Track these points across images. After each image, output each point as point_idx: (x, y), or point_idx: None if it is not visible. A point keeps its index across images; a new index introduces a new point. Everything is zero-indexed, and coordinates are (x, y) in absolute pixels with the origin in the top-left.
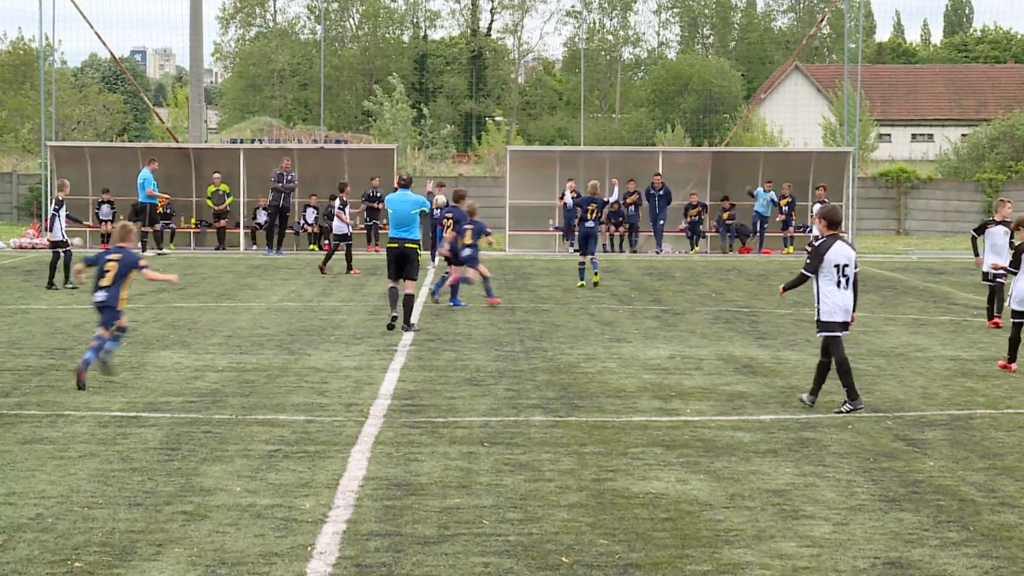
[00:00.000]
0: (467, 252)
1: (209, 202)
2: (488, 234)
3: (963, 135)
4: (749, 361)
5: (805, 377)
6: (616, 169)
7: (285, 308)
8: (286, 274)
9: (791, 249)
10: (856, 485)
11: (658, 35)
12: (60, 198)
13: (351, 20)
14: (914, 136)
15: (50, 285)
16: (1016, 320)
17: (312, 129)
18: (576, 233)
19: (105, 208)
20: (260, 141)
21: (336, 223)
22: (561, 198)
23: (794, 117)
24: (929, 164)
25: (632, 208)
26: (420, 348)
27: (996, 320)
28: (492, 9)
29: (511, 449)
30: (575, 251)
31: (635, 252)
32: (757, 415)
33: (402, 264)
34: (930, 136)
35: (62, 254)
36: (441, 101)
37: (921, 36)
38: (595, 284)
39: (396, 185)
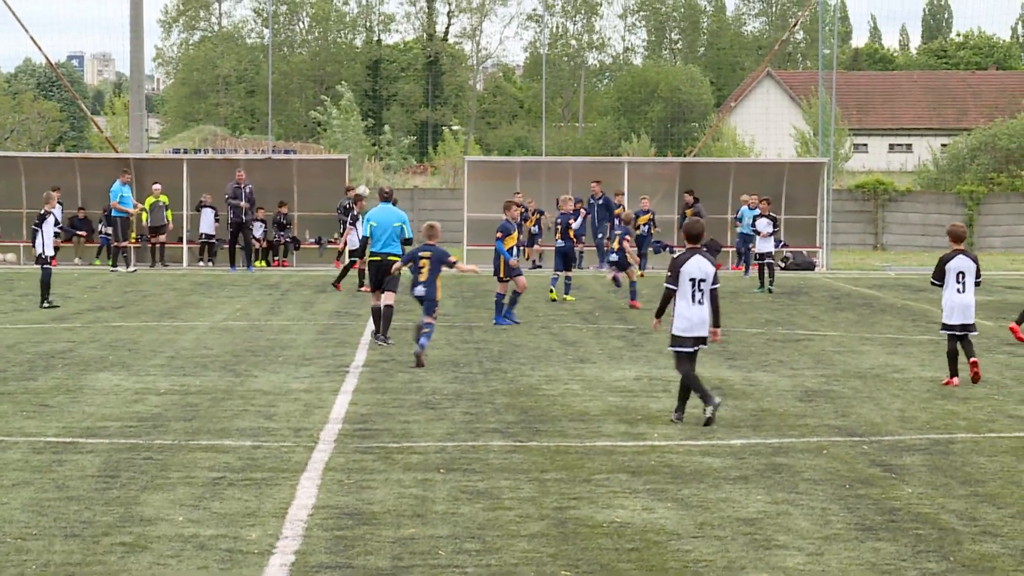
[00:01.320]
0: (420, 291)
1: (144, 215)
2: (451, 265)
3: (943, 145)
4: (719, 383)
5: (778, 399)
6: (580, 181)
7: (230, 327)
8: (232, 292)
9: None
10: (831, 513)
11: (624, 40)
12: (43, 212)
13: (300, 24)
14: (892, 146)
15: (46, 304)
16: (951, 334)
17: (259, 139)
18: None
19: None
20: (205, 151)
21: (351, 238)
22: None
23: (766, 126)
24: (907, 175)
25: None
26: (373, 370)
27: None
28: (449, 12)
29: (469, 476)
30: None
31: (580, 269)
32: (727, 440)
33: (383, 278)
34: (908, 146)
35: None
36: (395, 109)
37: (899, 41)
38: (552, 299)
39: (379, 199)
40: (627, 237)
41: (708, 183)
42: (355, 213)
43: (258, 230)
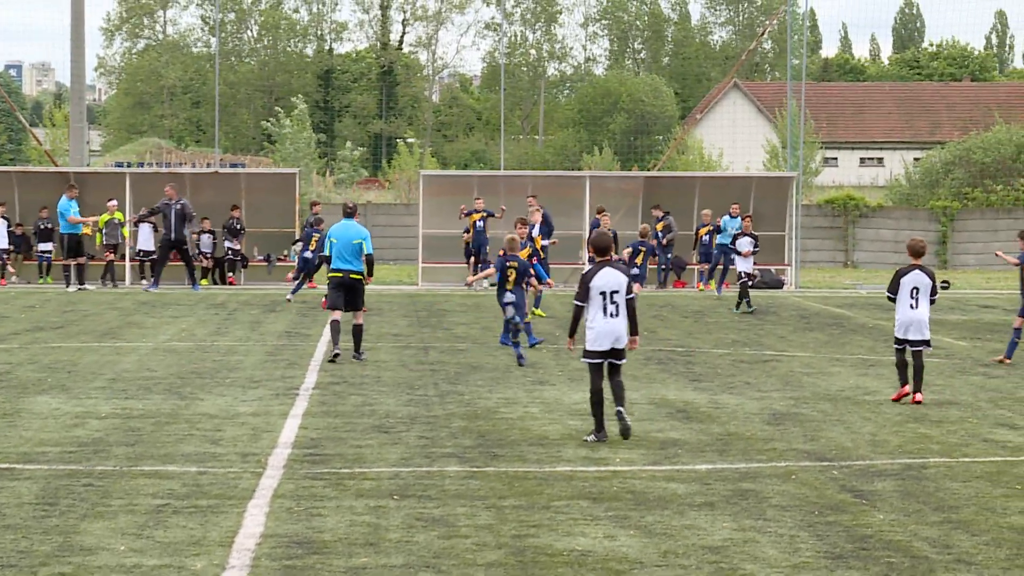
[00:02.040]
0: (510, 297)
1: (100, 236)
2: (529, 277)
3: (915, 159)
4: (684, 405)
5: (745, 423)
6: (539, 196)
7: (175, 348)
8: (177, 311)
9: (711, 284)
10: (799, 541)
11: (585, 49)
12: None
13: (249, 32)
14: (863, 160)
15: None
16: (898, 347)
17: (206, 151)
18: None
19: None
20: (149, 165)
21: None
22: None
23: (733, 139)
24: (879, 190)
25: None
26: (324, 392)
27: None
28: (404, 21)
29: (423, 502)
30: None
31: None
32: (692, 464)
33: (349, 295)
34: (880, 160)
35: None
36: (348, 121)
37: (869, 51)
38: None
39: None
40: (652, 254)
41: (673, 198)
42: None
43: (206, 244)
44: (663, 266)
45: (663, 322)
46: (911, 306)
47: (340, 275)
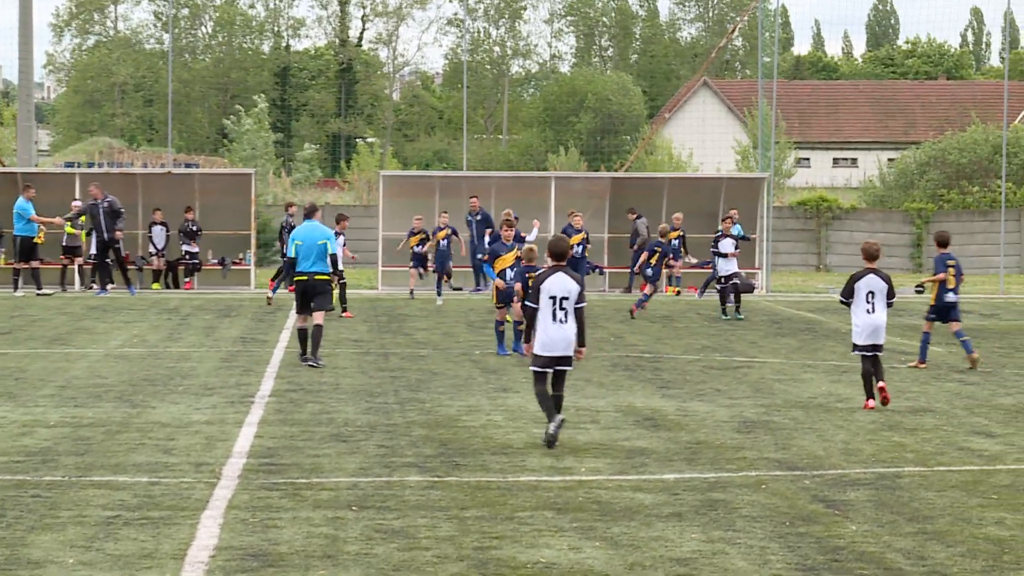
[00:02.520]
0: None
1: (69, 227)
2: None
3: (890, 159)
4: (651, 413)
5: (714, 431)
6: (503, 197)
7: (127, 354)
8: (127, 316)
9: (675, 289)
10: (770, 552)
11: (550, 47)
12: None
13: (203, 28)
14: (836, 160)
15: None
16: (863, 355)
17: (159, 151)
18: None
19: None
20: (100, 165)
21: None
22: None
23: (703, 139)
24: (852, 192)
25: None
26: (280, 400)
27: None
28: (363, 16)
29: (383, 513)
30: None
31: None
32: (660, 474)
33: (311, 297)
34: (853, 160)
35: None
36: (305, 120)
37: (842, 49)
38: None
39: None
40: (668, 255)
41: (641, 199)
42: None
43: (159, 237)
44: (633, 270)
45: (630, 327)
46: (868, 311)
47: (306, 278)
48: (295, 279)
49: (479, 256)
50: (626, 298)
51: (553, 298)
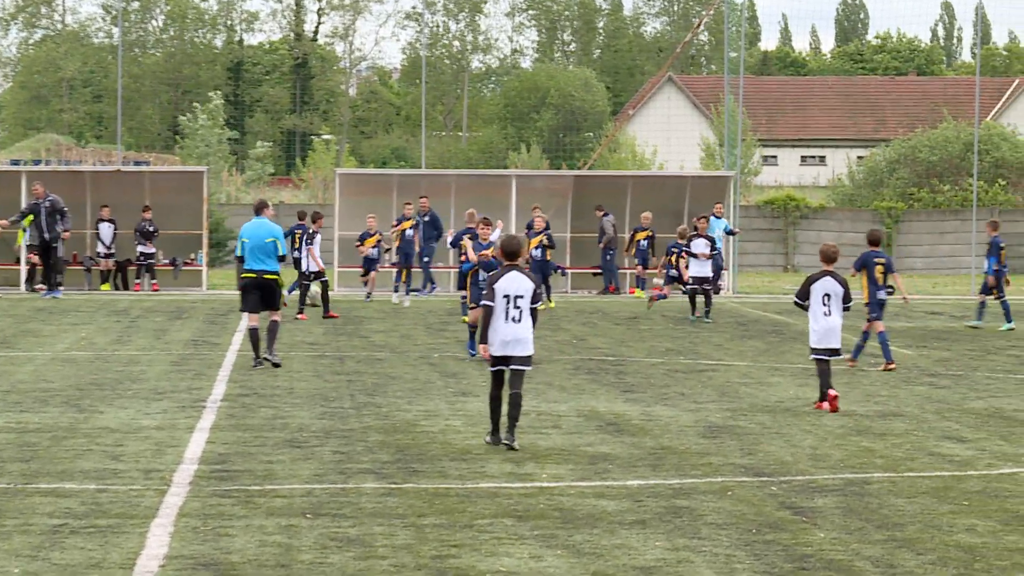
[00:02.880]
0: None
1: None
2: None
3: (859, 157)
4: (615, 418)
5: (679, 436)
6: (463, 196)
7: (74, 358)
8: (75, 318)
9: (640, 292)
10: (736, 560)
11: (511, 41)
12: None
13: (154, 22)
14: (804, 158)
15: None
16: (818, 358)
17: (108, 148)
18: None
19: None
20: (47, 162)
21: (309, 260)
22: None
23: (668, 136)
24: (820, 190)
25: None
26: (233, 404)
27: None
28: (319, 10)
29: (338, 521)
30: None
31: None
32: (623, 480)
33: (263, 296)
34: (821, 158)
35: None
36: (259, 116)
37: (810, 44)
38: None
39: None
40: (683, 254)
41: (604, 198)
42: (311, 232)
43: (106, 234)
44: (600, 270)
45: (593, 329)
46: (824, 313)
47: (254, 276)
48: (242, 276)
49: (426, 259)
50: (589, 300)
51: (507, 296)
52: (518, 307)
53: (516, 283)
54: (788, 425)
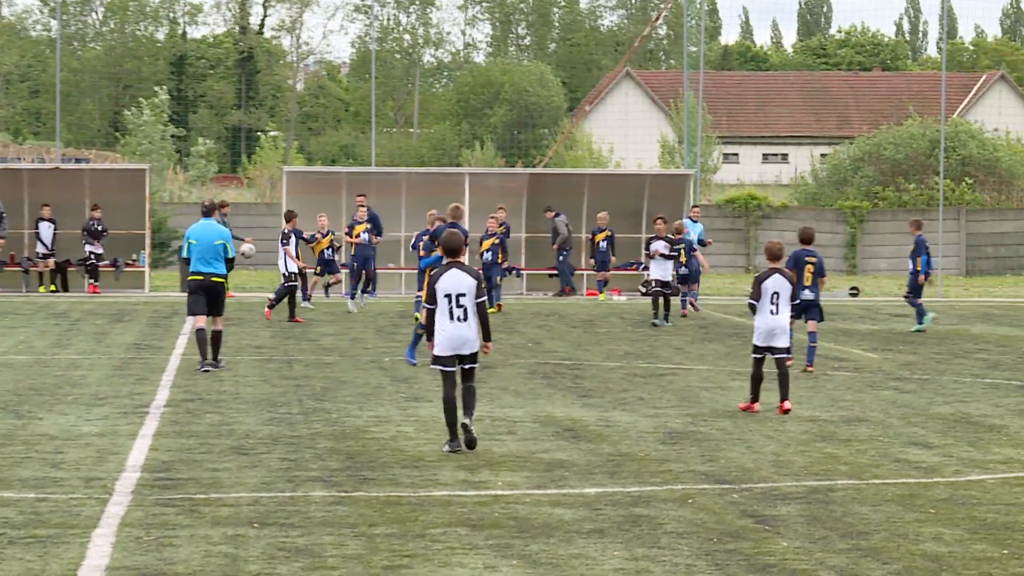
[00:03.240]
0: None
1: None
2: None
3: (822, 155)
4: (572, 423)
5: (638, 442)
6: (414, 194)
7: (11, 362)
8: (12, 321)
9: (604, 296)
10: (697, 570)
11: (464, 35)
12: None
13: (94, 15)
14: (765, 156)
15: None
16: (757, 357)
17: (46, 145)
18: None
19: None
20: None
21: (287, 262)
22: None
23: (626, 133)
24: (783, 189)
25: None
26: (177, 410)
27: None
28: (265, 2)
29: (286, 531)
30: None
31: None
32: (581, 488)
33: (209, 299)
34: (784, 156)
35: None
36: (204, 112)
37: (772, 38)
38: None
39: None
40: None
41: (560, 197)
42: (285, 232)
43: (46, 234)
44: (555, 272)
45: (549, 332)
46: (772, 312)
47: (201, 278)
48: (189, 279)
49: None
50: (545, 302)
51: (448, 296)
52: (461, 305)
53: (457, 280)
54: (750, 431)
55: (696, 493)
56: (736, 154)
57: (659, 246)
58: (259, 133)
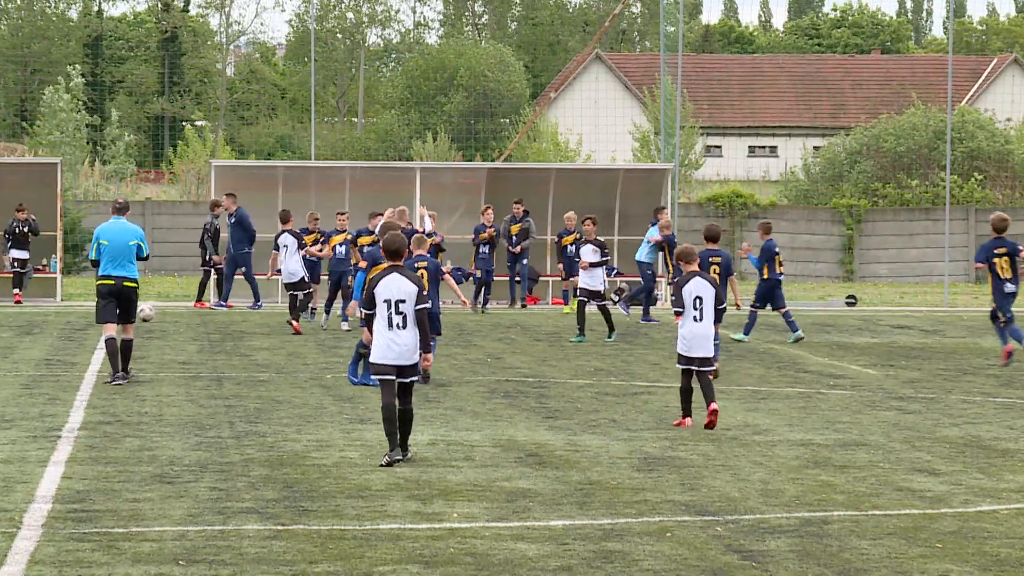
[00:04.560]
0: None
1: None
2: (442, 275)
3: (815, 148)
4: (536, 448)
5: (610, 469)
6: (360, 191)
7: None
8: None
9: (568, 309)
10: None
11: (415, 12)
12: None
13: None
14: (752, 149)
15: None
16: (686, 368)
17: None
18: None
19: None
20: None
21: (292, 266)
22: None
23: (596, 123)
24: (771, 185)
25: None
26: (93, 434)
27: None
28: None
29: (216, 568)
30: None
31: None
32: (546, 520)
33: (123, 306)
34: (772, 149)
35: None
36: (122, 99)
37: (760, 18)
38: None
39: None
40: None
41: (523, 194)
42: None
43: None
44: (516, 278)
45: (510, 346)
46: (695, 318)
47: (112, 282)
48: (99, 283)
49: (243, 268)
50: (507, 312)
51: (388, 301)
52: (401, 312)
53: (396, 286)
54: (735, 456)
55: (675, 526)
56: (719, 147)
57: (586, 253)
58: (184, 123)
